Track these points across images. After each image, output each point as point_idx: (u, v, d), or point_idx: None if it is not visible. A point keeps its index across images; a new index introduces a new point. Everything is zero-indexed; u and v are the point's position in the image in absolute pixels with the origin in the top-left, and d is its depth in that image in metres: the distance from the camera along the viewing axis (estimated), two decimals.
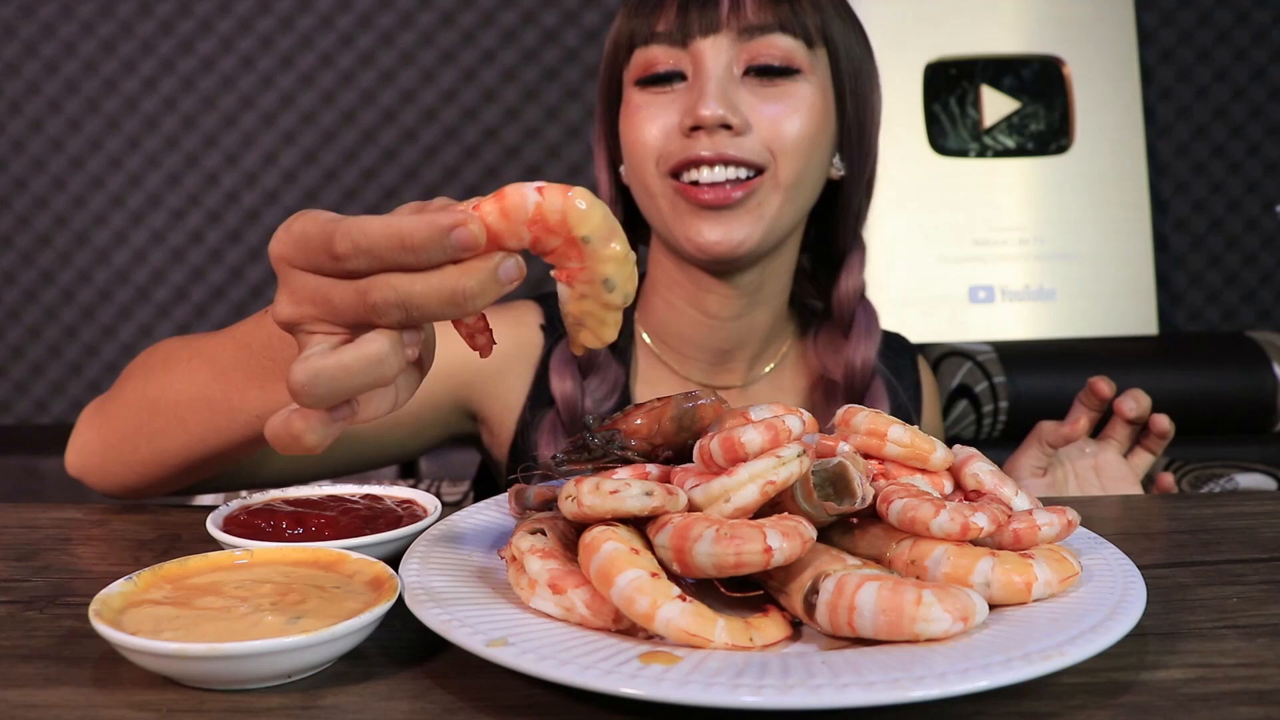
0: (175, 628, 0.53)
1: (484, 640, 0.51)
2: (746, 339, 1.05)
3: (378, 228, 0.50)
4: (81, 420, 0.86)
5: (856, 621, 0.51)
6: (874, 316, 1.06)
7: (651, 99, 0.97)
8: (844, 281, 1.06)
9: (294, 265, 0.54)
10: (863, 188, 1.05)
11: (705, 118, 0.91)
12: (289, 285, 0.54)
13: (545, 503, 0.68)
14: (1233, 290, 2.07)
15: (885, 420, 0.65)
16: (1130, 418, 0.97)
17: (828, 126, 0.98)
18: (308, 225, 0.53)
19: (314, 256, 0.52)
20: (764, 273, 1.01)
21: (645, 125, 0.97)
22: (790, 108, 0.95)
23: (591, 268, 0.53)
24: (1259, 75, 2.04)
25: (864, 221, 1.09)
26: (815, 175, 0.99)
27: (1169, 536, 0.76)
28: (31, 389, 2.00)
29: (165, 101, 1.96)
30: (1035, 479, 1.00)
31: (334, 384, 0.50)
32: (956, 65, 1.95)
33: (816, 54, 0.97)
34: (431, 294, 0.50)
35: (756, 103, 0.94)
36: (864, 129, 1.02)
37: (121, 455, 0.81)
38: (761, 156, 0.94)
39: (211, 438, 0.75)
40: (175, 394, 0.76)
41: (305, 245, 0.53)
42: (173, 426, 0.77)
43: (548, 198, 0.51)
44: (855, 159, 1.02)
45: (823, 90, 0.97)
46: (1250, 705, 0.50)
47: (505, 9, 1.98)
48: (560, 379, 1.02)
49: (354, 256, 0.50)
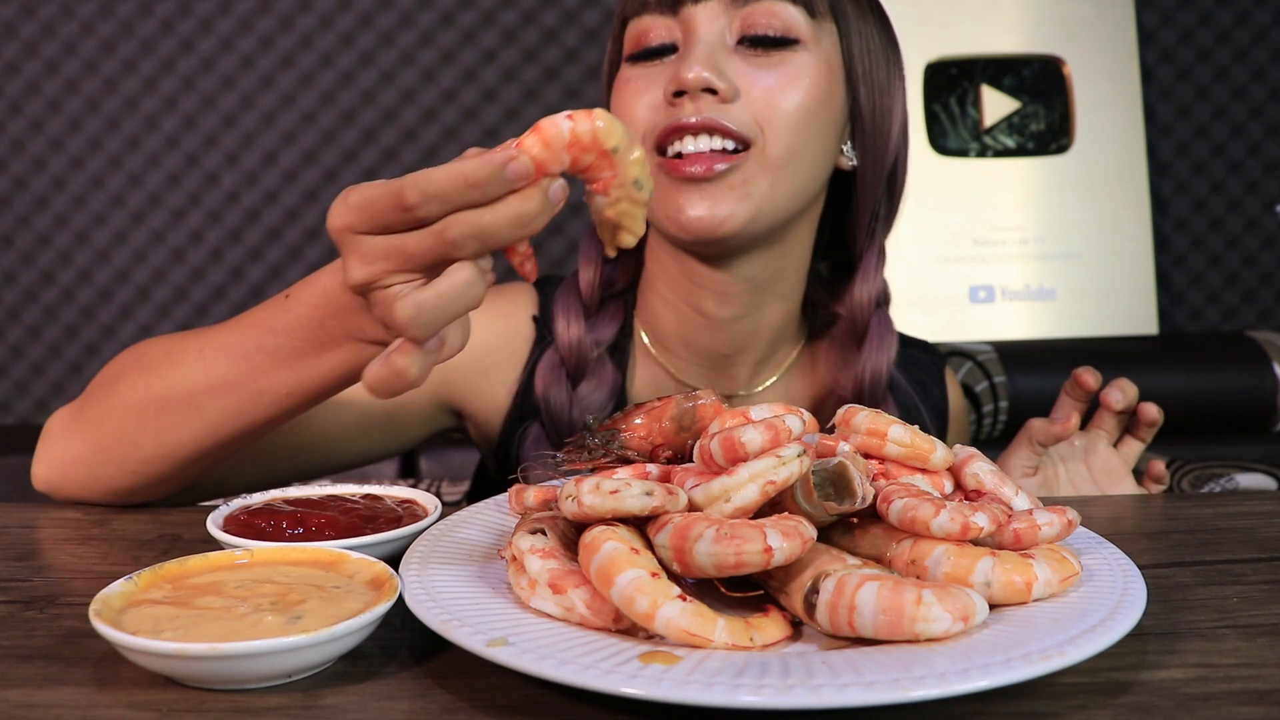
0: (175, 627, 0.53)
1: (484, 640, 0.51)
2: (747, 343, 0.98)
3: (443, 174, 0.57)
4: (52, 432, 0.85)
5: (857, 621, 0.51)
6: (890, 329, 1.00)
7: (641, 73, 0.92)
8: (858, 287, 0.99)
9: (359, 231, 0.60)
10: (880, 183, 0.98)
11: (688, 80, 0.86)
12: (358, 250, 0.60)
13: (545, 503, 0.68)
14: (1233, 290, 2.07)
15: (885, 420, 0.65)
16: (1118, 410, 0.95)
17: (830, 105, 0.91)
18: (368, 192, 0.59)
19: (382, 217, 0.59)
20: (765, 268, 0.94)
21: (632, 100, 0.91)
22: (785, 78, 0.88)
23: (622, 173, 0.61)
24: (1259, 75, 2.04)
25: (886, 225, 1.02)
26: (813, 157, 0.91)
27: (1169, 536, 0.76)
28: (31, 389, 2.00)
29: (165, 101, 1.96)
30: (1026, 479, 0.97)
31: (436, 312, 0.57)
32: (956, 65, 1.95)
33: (822, 26, 0.91)
34: (501, 221, 0.57)
35: (748, 70, 0.88)
36: (879, 117, 0.95)
37: (116, 456, 0.81)
38: (749, 128, 0.87)
39: (230, 422, 0.77)
40: (189, 385, 0.77)
41: (371, 209, 0.59)
42: (187, 417, 0.77)
43: (578, 122, 0.59)
44: (869, 149, 0.96)
45: (826, 65, 0.91)
46: (1250, 705, 0.50)
47: (505, 9, 1.98)
48: (548, 387, 0.97)
49: (425, 204, 0.57)
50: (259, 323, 0.75)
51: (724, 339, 0.98)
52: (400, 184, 0.58)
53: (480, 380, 1.00)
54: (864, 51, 0.94)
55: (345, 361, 0.72)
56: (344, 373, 0.73)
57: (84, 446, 0.83)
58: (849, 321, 0.99)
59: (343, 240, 0.61)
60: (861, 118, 0.95)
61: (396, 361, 0.58)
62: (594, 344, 0.98)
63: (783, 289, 0.98)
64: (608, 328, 1.00)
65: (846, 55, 0.93)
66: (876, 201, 0.99)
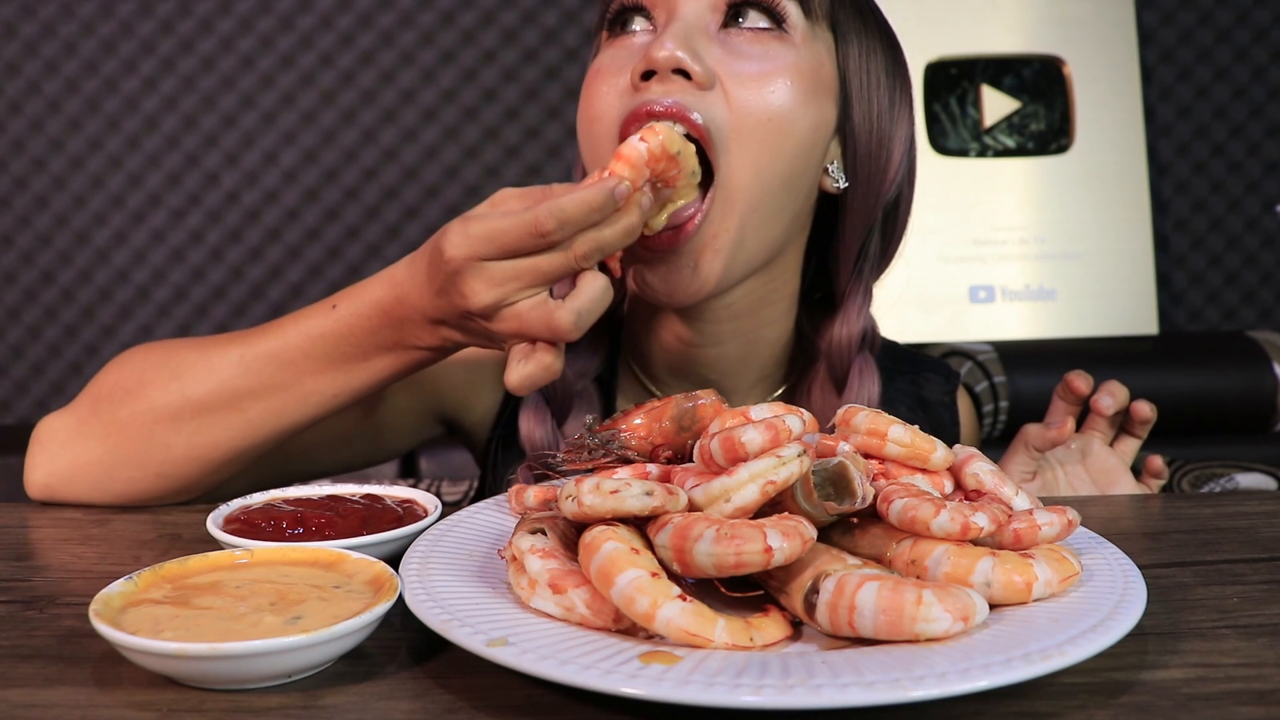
0: (175, 627, 0.53)
1: (484, 640, 0.51)
2: (734, 370, 0.93)
3: (572, 204, 0.68)
4: (52, 438, 0.84)
5: (857, 621, 0.51)
6: (871, 374, 0.93)
7: (610, 58, 0.84)
8: (838, 327, 0.92)
9: (486, 258, 0.69)
10: (872, 216, 0.90)
11: (659, 59, 0.78)
12: (484, 275, 0.69)
13: (545, 503, 0.68)
14: (1233, 290, 2.07)
15: (885, 420, 0.65)
16: (1108, 415, 0.95)
17: (814, 112, 0.83)
18: (494, 224, 0.68)
19: (516, 244, 0.69)
20: (747, 295, 0.88)
21: (596, 87, 0.84)
22: (768, 70, 0.81)
23: (684, 166, 0.77)
24: (1259, 75, 2.04)
25: (878, 266, 0.94)
26: (790, 165, 0.82)
27: (1169, 536, 0.76)
28: (31, 389, 2.00)
29: (165, 101, 1.96)
30: (1025, 484, 0.96)
31: (590, 315, 0.71)
32: (957, 65, 1.95)
33: (816, 30, 0.84)
34: (617, 234, 0.71)
35: (728, 60, 0.80)
36: (875, 141, 0.88)
37: (140, 459, 0.82)
38: (717, 128, 0.79)
39: (272, 422, 0.81)
40: (233, 389, 0.80)
41: (503, 239, 0.69)
42: (228, 419, 0.81)
43: (649, 140, 0.74)
44: (860, 173, 0.88)
45: (814, 69, 0.83)
46: (1250, 705, 0.50)
47: (505, 9, 1.98)
48: (532, 429, 0.91)
49: (560, 229, 0.68)
50: (304, 331, 0.79)
51: (708, 366, 0.92)
52: (534, 216, 0.68)
53: (468, 392, 0.99)
54: (863, 69, 0.87)
55: (393, 365, 0.79)
56: (391, 375, 0.80)
57: (100, 450, 0.83)
58: (829, 361, 0.93)
59: (465, 269, 0.69)
60: (854, 138, 0.87)
61: (545, 359, 0.72)
62: (577, 375, 0.93)
63: (768, 316, 0.92)
64: (592, 359, 0.94)
65: (841, 67, 0.86)
66: (866, 236, 0.91)
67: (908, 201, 0.94)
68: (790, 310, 0.94)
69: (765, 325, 0.92)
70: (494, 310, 0.71)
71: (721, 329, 0.90)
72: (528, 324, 0.71)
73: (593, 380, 0.95)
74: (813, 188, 0.88)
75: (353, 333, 0.78)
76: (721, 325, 0.90)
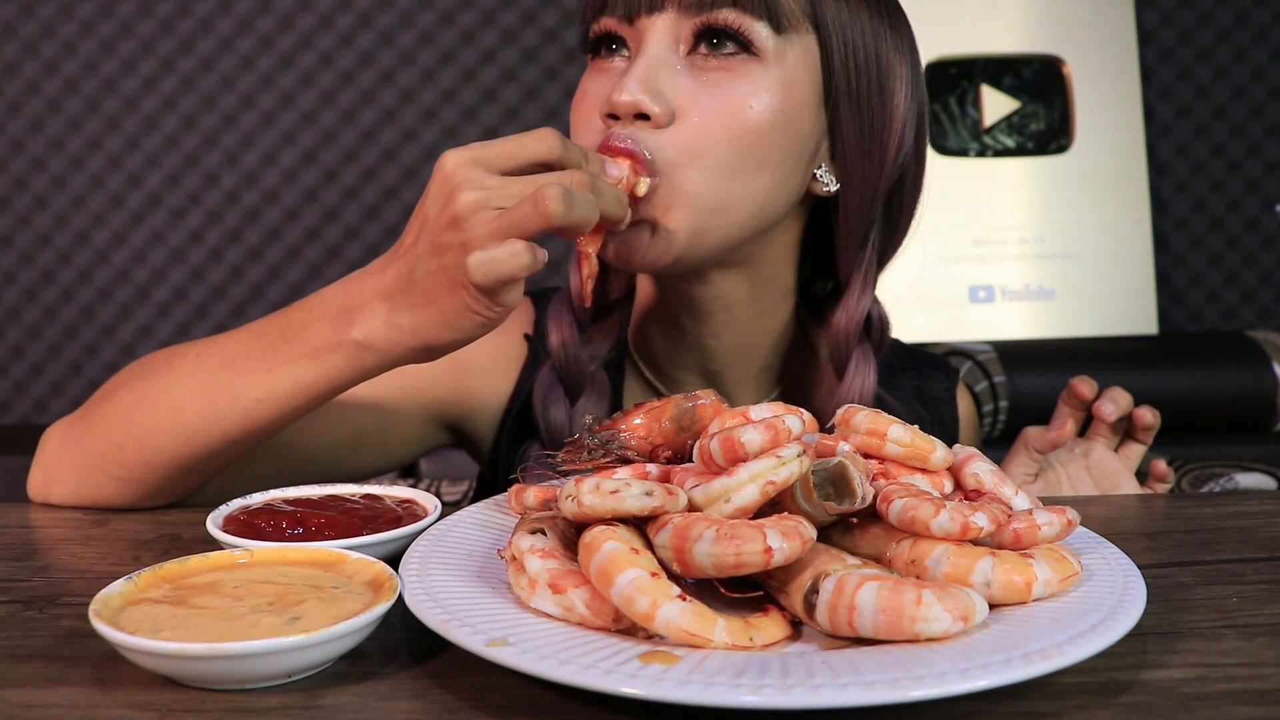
0: (175, 627, 0.53)
1: (484, 640, 0.51)
2: (733, 361, 0.94)
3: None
4: (46, 445, 0.85)
5: (856, 621, 0.51)
6: (869, 364, 0.93)
7: (594, 80, 0.87)
8: (839, 315, 0.92)
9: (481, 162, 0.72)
10: (868, 207, 0.89)
11: (620, 104, 0.79)
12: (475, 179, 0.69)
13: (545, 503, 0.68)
14: (1233, 290, 2.07)
15: (885, 420, 0.65)
16: (1111, 422, 0.95)
17: (789, 130, 0.83)
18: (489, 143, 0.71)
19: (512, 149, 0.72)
20: (736, 286, 0.89)
21: (577, 113, 0.87)
22: (732, 102, 0.80)
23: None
24: (1259, 75, 2.04)
25: (883, 251, 0.93)
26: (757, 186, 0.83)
27: (1169, 536, 0.76)
28: (31, 389, 2.00)
29: (165, 101, 1.96)
30: (1026, 485, 0.96)
31: (582, 196, 0.69)
32: (956, 65, 1.95)
33: (791, 40, 0.82)
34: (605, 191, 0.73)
35: (693, 90, 0.80)
36: (868, 136, 0.86)
37: (104, 462, 0.81)
38: (667, 163, 0.79)
39: (205, 429, 0.77)
40: (178, 387, 0.78)
41: (497, 144, 0.71)
42: (167, 420, 0.78)
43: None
44: (853, 172, 0.87)
45: (786, 86, 0.82)
46: (1250, 705, 0.50)
47: (505, 9, 1.98)
48: (547, 405, 0.93)
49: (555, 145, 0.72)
50: (254, 328, 0.77)
51: (709, 356, 0.94)
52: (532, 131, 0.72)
53: (471, 397, 0.98)
54: (850, 64, 0.84)
55: (318, 374, 0.74)
56: (313, 385, 0.75)
57: (77, 453, 0.83)
58: (830, 350, 0.93)
59: (462, 169, 0.69)
60: (844, 138, 0.86)
61: (515, 246, 0.66)
62: (590, 358, 0.94)
63: (762, 307, 0.92)
64: (603, 342, 0.96)
65: (825, 68, 0.84)
66: (866, 227, 0.90)
67: (915, 182, 0.93)
68: (784, 302, 0.95)
69: (761, 316, 0.94)
70: (480, 206, 0.67)
71: (717, 319, 0.92)
72: (514, 216, 0.66)
73: (602, 366, 0.96)
74: (793, 193, 0.87)
75: (292, 327, 0.75)
76: (715, 317, 0.92)
